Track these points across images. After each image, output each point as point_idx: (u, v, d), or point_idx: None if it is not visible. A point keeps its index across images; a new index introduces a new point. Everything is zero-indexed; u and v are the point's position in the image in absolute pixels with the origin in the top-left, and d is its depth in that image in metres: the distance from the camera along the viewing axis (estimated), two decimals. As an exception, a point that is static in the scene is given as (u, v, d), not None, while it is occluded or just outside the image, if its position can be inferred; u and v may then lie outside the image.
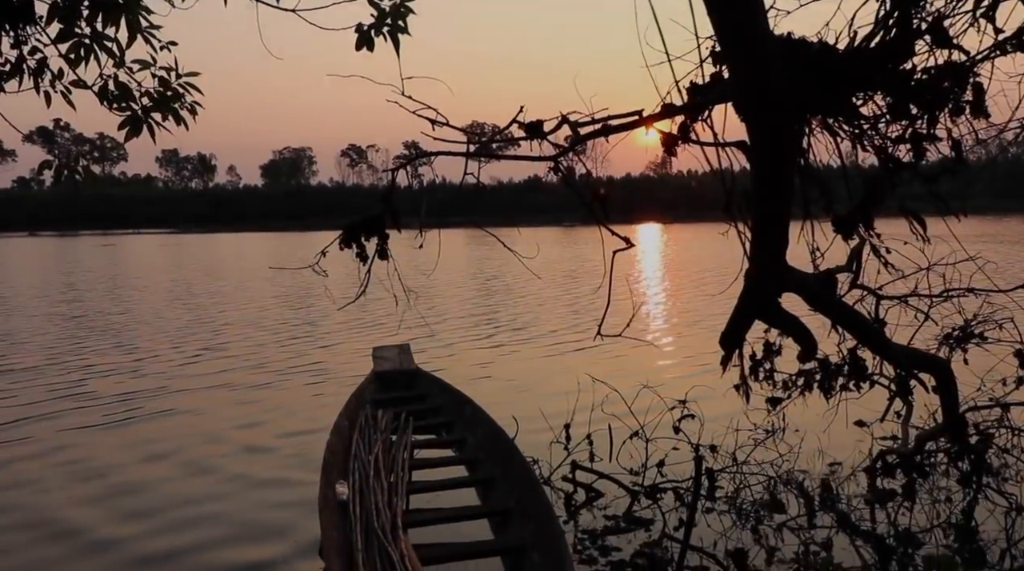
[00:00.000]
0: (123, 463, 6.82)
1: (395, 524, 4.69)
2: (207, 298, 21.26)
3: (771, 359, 6.40)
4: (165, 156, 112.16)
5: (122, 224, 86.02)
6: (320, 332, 14.35)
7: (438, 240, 3.94)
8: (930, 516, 5.18)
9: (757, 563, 4.68)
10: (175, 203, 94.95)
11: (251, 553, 5.02)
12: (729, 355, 3.08)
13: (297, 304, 19.22)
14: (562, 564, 3.91)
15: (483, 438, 5.91)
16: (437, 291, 21.06)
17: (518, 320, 15.21)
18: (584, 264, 29.47)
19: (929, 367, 3.35)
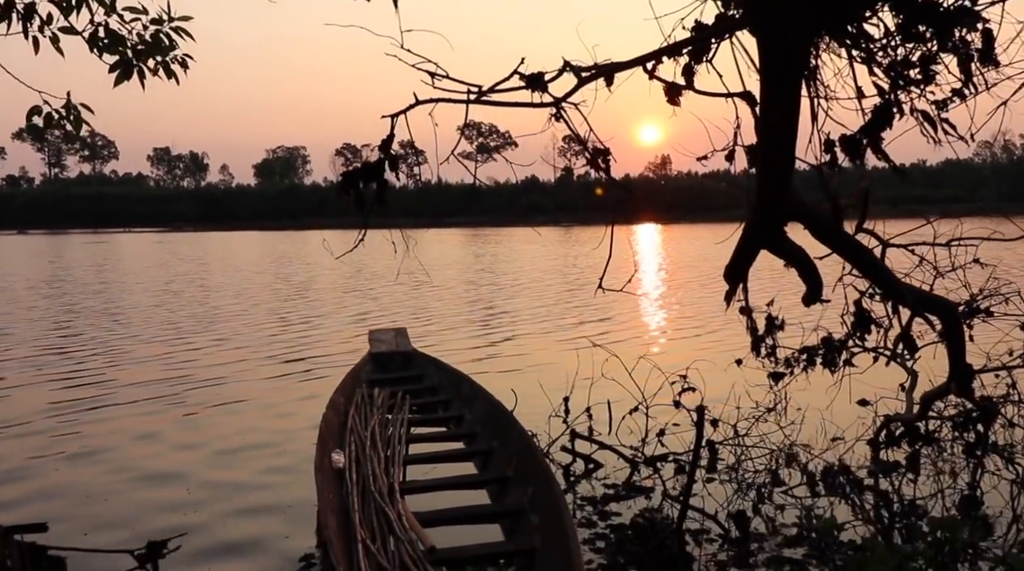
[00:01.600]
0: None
1: (392, 489, 4.68)
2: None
3: (773, 334, 6.41)
4: (156, 154, 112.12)
5: (113, 223, 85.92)
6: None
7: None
8: (934, 486, 5.18)
9: (758, 526, 4.68)
10: (167, 202, 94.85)
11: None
12: (733, 289, 3.07)
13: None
14: (562, 524, 3.89)
15: (481, 413, 5.91)
16: (443, 284, 21.07)
17: (518, 307, 15.22)
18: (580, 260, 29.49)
19: (936, 308, 3.34)
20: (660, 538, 4.20)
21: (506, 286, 20.68)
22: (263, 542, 4.66)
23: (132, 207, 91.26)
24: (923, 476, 5.38)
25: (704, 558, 4.26)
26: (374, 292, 19.49)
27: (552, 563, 3.79)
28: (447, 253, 35.89)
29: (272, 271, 27.59)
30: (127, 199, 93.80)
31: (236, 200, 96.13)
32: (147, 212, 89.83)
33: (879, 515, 4.88)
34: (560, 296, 17.89)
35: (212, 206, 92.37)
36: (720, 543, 4.44)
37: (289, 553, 4.49)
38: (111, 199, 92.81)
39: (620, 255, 4.54)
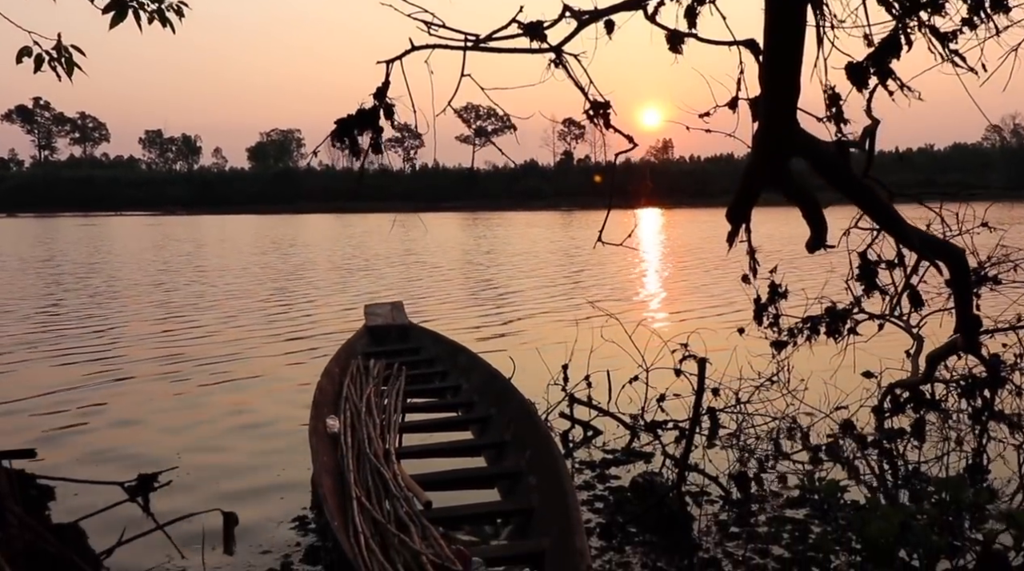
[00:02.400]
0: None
1: (388, 453, 4.69)
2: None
3: (776, 303, 6.40)
4: (148, 137, 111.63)
5: (103, 206, 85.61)
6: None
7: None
8: (939, 453, 5.19)
9: (760, 489, 4.69)
10: (159, 185, 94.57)
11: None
12: (736, 230, 3.05)
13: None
14: (560, 484, 3.88)
15: (479, 382, 5.90)
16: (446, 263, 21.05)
17: (516, 287, 15.22)
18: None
19: (943, 254, 3.32)
20: (659, 496, 4.20)
21: (507, 264, 20.66)
22: (256, 499, 4.67)
23: (123, 190, 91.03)
24: (928, 443, 5.38)
25: (704, 518, 4.27)
26: (380, 271, 19.48)
27: (550, 521, 3.78)
28: (450, 236, 35.85)
29: (273, 251, 27.55)
30: (118, 182, 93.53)
31: (230, 184, 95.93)
32: (139, 195, 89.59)
33: (883, 480, 4.89)
34: (562, 270, 17.87)
35: (205, 190, 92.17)
36: (721, 504, 4.45)
37: (281, 514, 4.49)
38: (102, 182, 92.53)
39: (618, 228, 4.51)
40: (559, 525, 3.67)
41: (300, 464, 5.10)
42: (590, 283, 16.19)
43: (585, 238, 30.16)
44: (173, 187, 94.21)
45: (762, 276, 6.04)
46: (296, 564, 3.83)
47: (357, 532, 3.64)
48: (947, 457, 5.11)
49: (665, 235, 34.91)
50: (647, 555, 3.88)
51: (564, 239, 32.95)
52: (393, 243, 30.00)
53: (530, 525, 3.96)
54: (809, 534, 4.05)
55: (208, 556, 3.68)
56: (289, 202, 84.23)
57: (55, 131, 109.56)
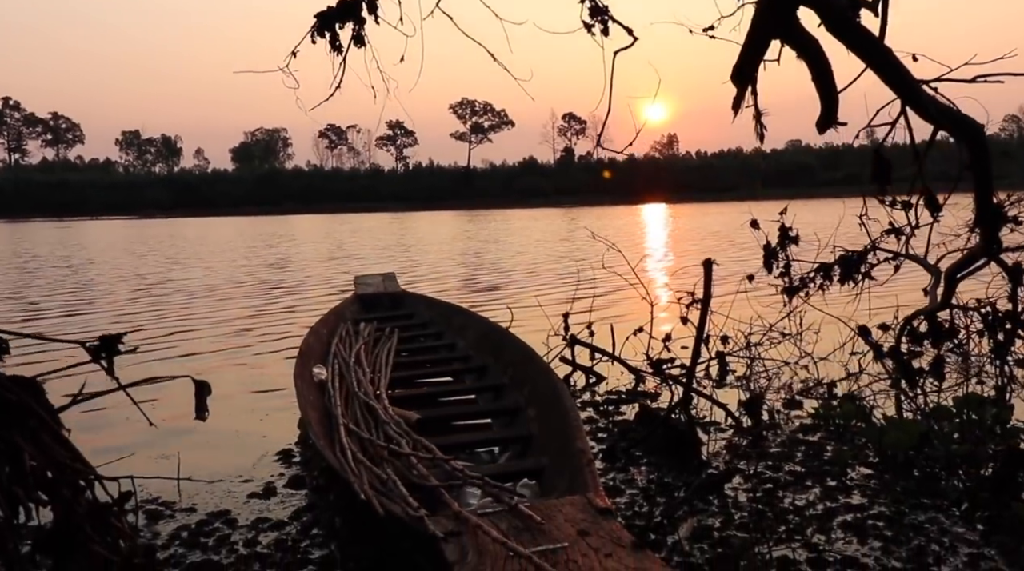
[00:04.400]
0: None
1: (379, 397, 4.66)
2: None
3: (787, 249, 6.39)
4: (126, 138, 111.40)
5: (80, 211, 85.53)
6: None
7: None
8: (959, 393, 5.16)
9: (772, 417, 4.68)
10: (138, 189, 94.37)
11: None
12: (741, 93, 3.01)
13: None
14: (562, 412, 3.84)
15: (475, 337, 5.86)
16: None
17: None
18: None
19: (961, 126, 3.28)
20: (664, 416, 4.19)
21: (511, 242, 20.65)
22: (238, 436, 4.67)
23: (100, 194, 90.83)
24: (948, 381, 5.35)
25: (713, 443, 4.25)
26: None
27: (549, 443, 3.76)
28: (448, 227, 35.86)
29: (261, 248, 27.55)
30: (95, 186, 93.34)
31: (213, 186, 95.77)
32: (116, 199, 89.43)
33: (900, 412, 4.86)
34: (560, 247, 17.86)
35: (186, 193, 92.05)
36: (732, 432, 4.43)
37: (265, 447, 4.48)
38: (77, 186, 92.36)
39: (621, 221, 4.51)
40: (558, 442, 3.65)
41: (287, 407, 5.09)
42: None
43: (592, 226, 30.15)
44: (152, 190, 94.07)
45: (771, 219, 6.07)
46: (280, 489, 3.81)
47: (344, 449, 3.62)
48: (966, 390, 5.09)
49: (672, 225, 34.92)
50: (652, 473, 3.86)
51: (571, 226, 32.97)
52: (389, 237, 30.00)
53: (529, 449, 3.94)
54: (824, 453, 4.03)
55: (178, 422, 3.65)
56: (276, 204, 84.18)
57: (26, 133, 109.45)
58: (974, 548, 2.93)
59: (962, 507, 3.30)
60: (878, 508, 3.32)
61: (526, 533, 2.33)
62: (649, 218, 40.75)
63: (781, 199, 5.66)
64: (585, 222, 33.24)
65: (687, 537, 3.10)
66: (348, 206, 79.56)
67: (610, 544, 2.21)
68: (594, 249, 13.86)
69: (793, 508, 3.36)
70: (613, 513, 2.49)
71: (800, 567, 2.83)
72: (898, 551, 2.93)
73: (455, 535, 2.36)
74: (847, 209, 5.74)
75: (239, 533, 3.29)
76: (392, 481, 3.01)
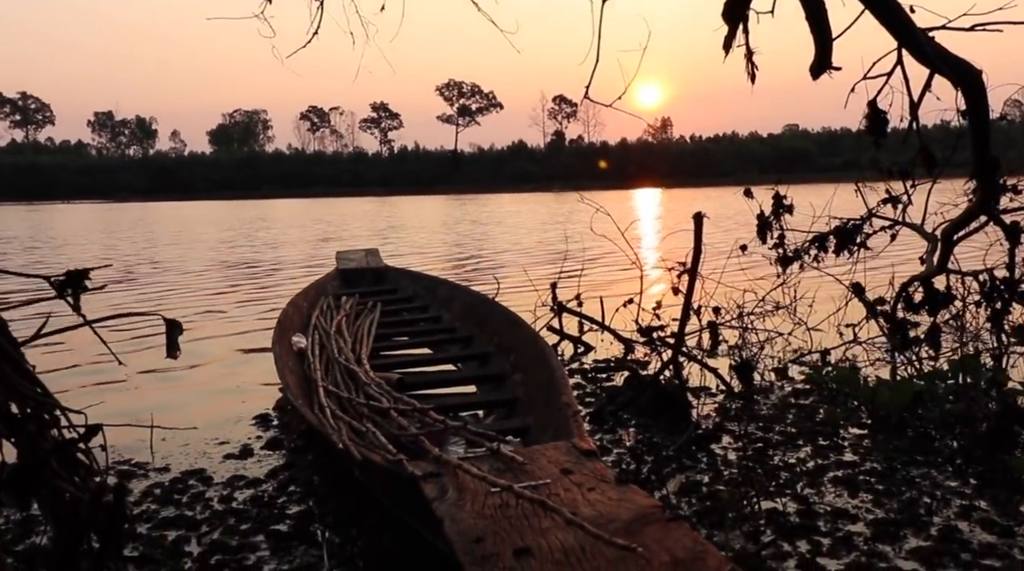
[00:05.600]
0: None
1: (360, 360, 4.66)
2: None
3: (781, 218, 6.41)
4: (98, 119, 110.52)
5: (50, 195, 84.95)
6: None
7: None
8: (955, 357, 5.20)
9: (763, 381, 4.71)
10: (111, 172, 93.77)
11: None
12: (733, 31, 3.00)
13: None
14: (548, 374, 3.85)
15: (461, 309, 5.87)
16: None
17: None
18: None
19: (959, 71, 3.27)
20: (653, 377, 4.22)
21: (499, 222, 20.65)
22: (215, 400, 4.67)
23: (72, 178, 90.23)
24: (943, 352, 5.39)
25: (703, 406, 4.28)
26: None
27: (535, 404, 3.78)
28: (437, 210, 35.81)
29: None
30: (66, 169, 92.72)
31: (189, 169, 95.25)
32: (89, 183, 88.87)
33: (895, 376, 4.89)
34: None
35: (162, 176, 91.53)
36: (722, 396, 4.47)
37: (242, 412, 4.48)
38: (47, 169, 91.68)
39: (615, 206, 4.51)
40: (544, 401, 3.67)
41: (265, 374, 5.10)
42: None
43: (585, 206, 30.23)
44: (127, 174, 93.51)
45: (765, 191, 6.09)
46: (257, 450, 3.82)
47: (323, 407, 3.63)
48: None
49: (664, 209, 34.96)
50: (641, 434, 3.89)
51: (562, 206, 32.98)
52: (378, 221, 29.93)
53: (514, 412, 3.96)
54: (816, 415, 4.06)
55: (145, 359, 3.62)
56: (255, 188, 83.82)
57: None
58: (966, 500, 2.97)
59: (955, 463, 3.34)
60: (870, 464, 3.36)
61: (508, 473, 2.34)
62: (642, 202, 40.81)
63: (778, 185, 5.69)
64: (576, 206, 33.26)
65: (675, 492, 3.12)
66: (331, 191, 79.32)
67: (593, 480, 2.23)
68: (586, 227, 13.83)
69: (783, 465, 3.39)
70: (597, 454, 2.51)
71: (790, 518, 2.86)
72: (889, 503, 2.96)
73: (435, 476, 2.37)
74: (845, 190, 5.78)
75: (214, 490, 3.29)
76: (372, 433, 3.02)
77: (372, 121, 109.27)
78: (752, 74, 3.12)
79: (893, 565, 2.50)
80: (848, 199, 6.05)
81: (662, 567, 1.69)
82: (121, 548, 2.31)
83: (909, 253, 6.59)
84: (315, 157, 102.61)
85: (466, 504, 2.11)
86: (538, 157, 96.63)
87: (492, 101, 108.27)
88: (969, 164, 4.41)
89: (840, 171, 41.48)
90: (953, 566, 2.49)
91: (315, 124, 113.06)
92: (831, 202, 6.26)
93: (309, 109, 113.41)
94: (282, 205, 52.22)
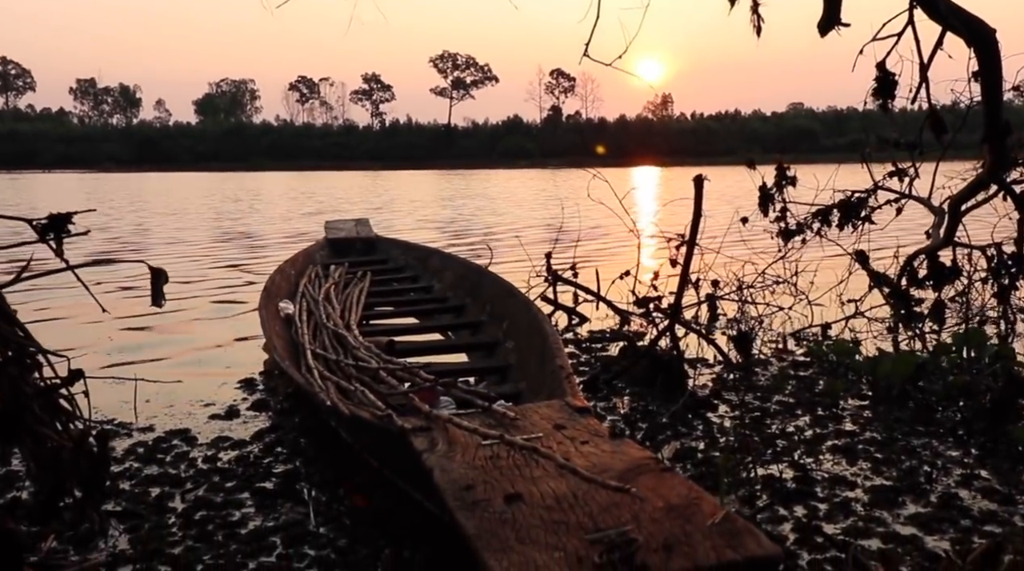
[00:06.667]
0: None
1: (348, 326, 4.66)
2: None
3: (783, 191, 6.41)
4: (80, 87, 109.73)
5: (30, 164, 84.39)
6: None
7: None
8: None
9: (762, 352, 4.73)
10: (94, 141, 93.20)
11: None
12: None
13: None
14: (542, 339, 3.86)
15: (453, 278, 5.87)
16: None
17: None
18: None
19: (971, 28, 3.27)
20: (649, 346, 4.23)
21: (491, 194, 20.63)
22: (200, 364, 4.67)
23: (53, 146, 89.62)
24: (947, 328, 5.41)
25: (700, 376, 4.29)
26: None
27: (528, 371, 3.79)
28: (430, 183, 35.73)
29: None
30: (46, 137, 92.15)
31: (174, 140, 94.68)
32: (70, 152, 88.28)
33: (897, 349, 4.92)
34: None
35: (146, 146, 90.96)
36: (720, 366, 4.49)
37: (227, 375, 4.49)
38: (27, 137, 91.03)
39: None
40: (537, 365, 3.68)
41: (251, 339, 5.10)
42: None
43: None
44: (109, 144, 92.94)
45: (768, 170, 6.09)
46: (243, 412, 3.82)
47: (310, 368, 3.64)
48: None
49: (662, 188, 34.96)
50: (636, 402, 3.90)
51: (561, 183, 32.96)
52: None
53: (507, 379, 3.97)
54: (816, 386, 4.09)
55: (130, 307, 3.60)
56: (242, 160, 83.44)
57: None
58: (967, 470, 2.99)
59: (957, 434, 3.36)
60: (870, 434, 3.38)
61: (499, 428, 2.35)
62: (640, 179, 40.76)
63: (781, 161, 5.69)
64: (573, 183, 33.26)
65: (669, 458, 3.14)
66: (320, 164, 78.96)
67: (587, 434, 2.25)
68: (583, 205, 13.86)
69: (781, 433, 3.41)
70: (591, 411, 2.52)
71: (786, 484, 2.88)
72: (888, 471, 2.99)
73: (424, 430, 2.38)
74: (850, 170, 5.78)
75: (199, 450, 3.30)
76: (360, 392, 3.03)
77: (363, 93, 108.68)
78: (758, 27, 3.11)
79: (891, 530, 2.52)
80: (852, 180, 6.06)
81: (656, 512, 1.70)
82: (104, 496, 2.32)
83: (917, 234, 6.61)
84: (304, 129, 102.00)
85: (456, 456, 2.13)
86: (534, 133, 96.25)
87: (487, 74, 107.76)
88: (976, 146, 4.44)
89: (846, 152, 41.45)
90: (953, 532, 2.51)
91: (304, 95, 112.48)
92: (834, 177, 6.29)
93: (298, 79, 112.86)
94: (269, 178, 51.99)
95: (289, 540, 2.47)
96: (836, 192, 6.34)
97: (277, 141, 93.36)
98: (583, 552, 1.55)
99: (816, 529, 2.51)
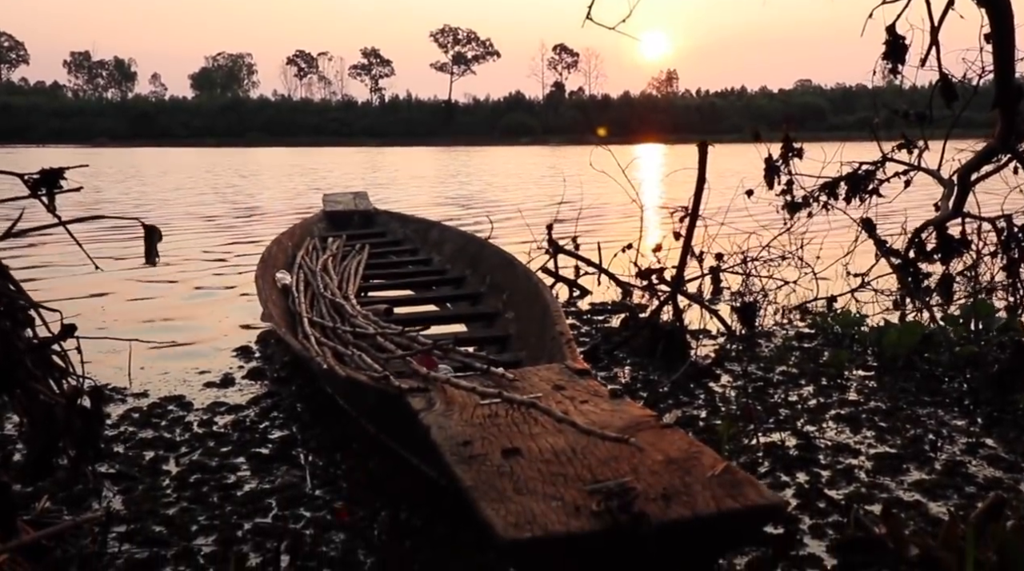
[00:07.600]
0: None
1: (346, 296, 4.67)
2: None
3: (790, 163, 6.39)
4: (75, 60, 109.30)
5: (23, 138, 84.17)
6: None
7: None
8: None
9: (765, 324, 4.74)
10: (88, 116, 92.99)
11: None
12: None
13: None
14: (542, 309, 3.86)
15: (451, 251, 5.87)
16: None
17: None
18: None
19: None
20: (651, 316, 4.24)
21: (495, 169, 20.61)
22: (195, 332, 4.68)
23: (46, 121, 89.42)
24: (957, 294, 5.41)
25: (703, 347, 4.30)
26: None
27: (528, 339, 3.80)
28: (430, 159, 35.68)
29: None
30: (41, 111, 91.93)
31: (170, 115, 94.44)
32: (64, 126, 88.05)
33: (903, 320, 4.92)
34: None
35: (141, 121, 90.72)
36: (723, 338, 4.49)
37: (223, 343, 4.50)
38: (20, 111, 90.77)
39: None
40: (537, 334, 3.69)
41: (248, 308, 5.10)
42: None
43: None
44: (104, 118, 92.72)
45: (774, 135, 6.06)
46: (239, 380, 3.83)
47: (307, 335, 3.65)
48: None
49: (667, 167, 34.89)
50: (636, 372, 3.91)
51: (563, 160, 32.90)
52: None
53: (506, 348, 3.98)
54: (820, 357, 4.09)
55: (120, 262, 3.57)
56: (239, 135, 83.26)
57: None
58: (972, 438, 3.00)
59: (963, 404, 3.37)
60: (874, 404, 3.39)
61: (497, 389, 2.35)
62: (645, 155, 40.68)
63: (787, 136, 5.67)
64: (575, 160, 33.21)
65: (671, 424, 3.14)
66: (318, 140, 78.80)
67: (586, 394, 2.25)
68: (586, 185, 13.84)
69: (784, 402, 3.42)
70: (591, 372, 2.53)
71: (788, 451, 2.89)
72: (892, 440, 2.99)
73: (422, 390, 2.39)
74: (857, 147, 5.76)
75: (194, 415, 3.31)
76: (357, 356, 3.04)
77: (362, 67, 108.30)
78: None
79: (894, 496, 2.53)
80: (860, 155, 6.03)
81: (655, 465, 1.71)
82: (98, 454, 2.33)
83: (926, 209, 6.59)
84: (302, 104, 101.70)
85: (454, 414, 2.13)
86: (536, 110, 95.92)
87: (489, 49, 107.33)
88: (986, 125, 4.41)
89: (854, 130, 41.33)
90: (956, 498, 2.52)
91: (302, 70, 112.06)
92: (841, 151, 6.27)
93: (296, 53, 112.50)
94: (266, 153, 51.89)
95: (285, 502, 2.48)
96: (843, 164, 6.34)
97: (274, 116, 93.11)
98: (581, 502, 1.56)
99: (818, 493, 2.52)
